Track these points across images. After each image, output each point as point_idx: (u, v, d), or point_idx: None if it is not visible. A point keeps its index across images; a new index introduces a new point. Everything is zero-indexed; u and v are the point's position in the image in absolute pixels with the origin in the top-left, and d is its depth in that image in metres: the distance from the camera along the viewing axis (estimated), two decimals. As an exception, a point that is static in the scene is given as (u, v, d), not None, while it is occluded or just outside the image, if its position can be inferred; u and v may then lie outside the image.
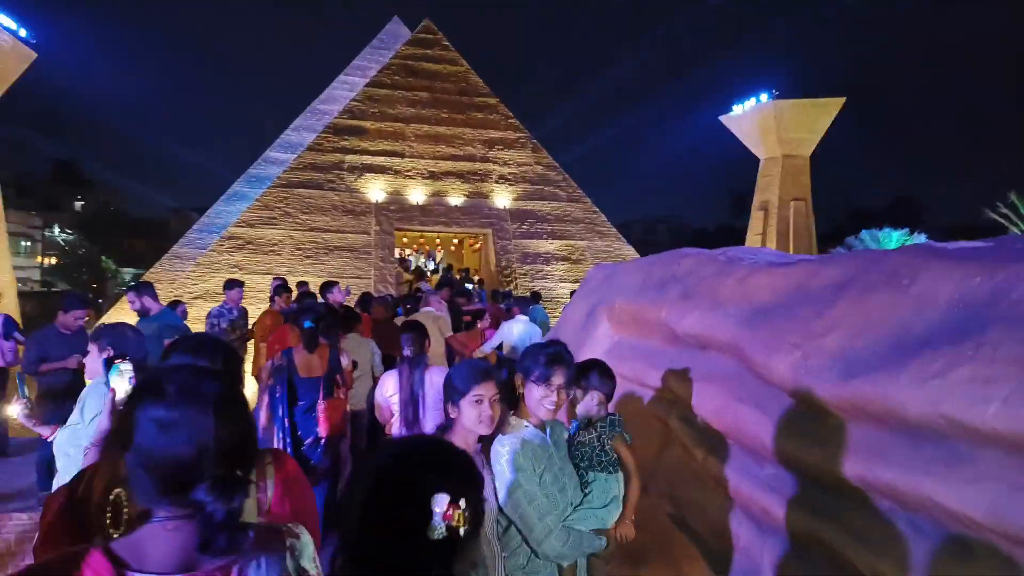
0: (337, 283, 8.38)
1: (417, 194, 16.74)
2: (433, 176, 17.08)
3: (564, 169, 18.27)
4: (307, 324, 4.66)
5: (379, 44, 25.91)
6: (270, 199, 15.99)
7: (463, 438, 2.03)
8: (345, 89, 23.62)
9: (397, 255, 18.01)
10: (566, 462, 2.29)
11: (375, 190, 16.54)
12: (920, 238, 24.11)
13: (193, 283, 15.41)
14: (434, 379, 4.01)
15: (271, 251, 15.58)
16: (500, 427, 2.13)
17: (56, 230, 54.97)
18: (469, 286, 12.75)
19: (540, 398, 2.18)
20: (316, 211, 16.03)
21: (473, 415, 2.03)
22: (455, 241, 20.37)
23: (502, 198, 17.24)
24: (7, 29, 15.75)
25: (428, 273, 18.77)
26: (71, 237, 52.11)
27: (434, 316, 7.58)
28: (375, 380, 5.56)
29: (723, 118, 26.83)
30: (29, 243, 53.87)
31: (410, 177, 16.93)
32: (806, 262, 2.34)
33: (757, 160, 26.35)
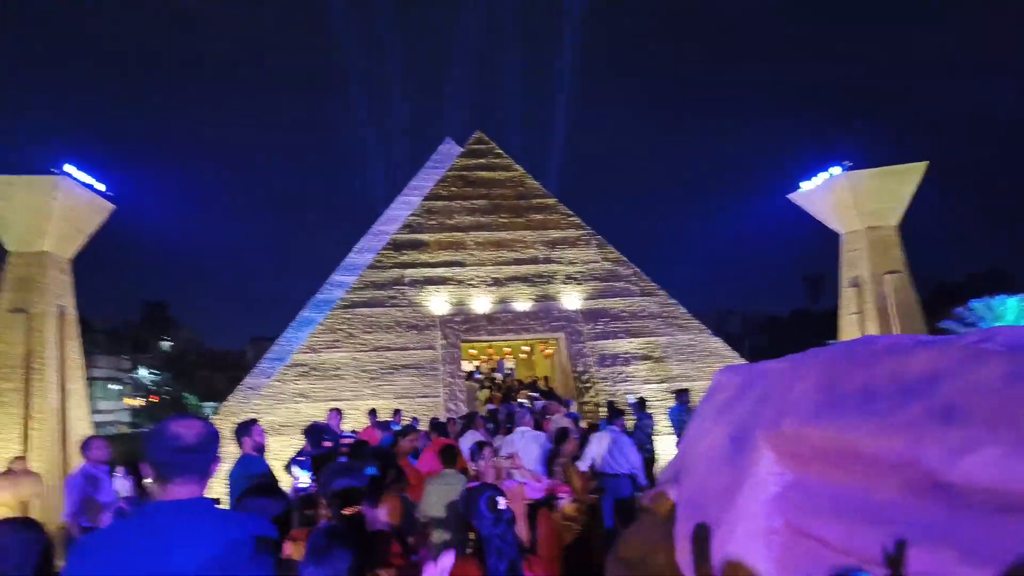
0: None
1: (482, 303, 15.99)
2: (497, 283, 16.38)
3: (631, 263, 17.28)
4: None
5: (433, 164, 26.50)
6: (333, 321, 15.57)
7: None
8: (404, 208, 23.91)
9: (467, 369, 17.07)
10: None
11: (438, 302, 15.90)
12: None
13: (259, 416, 14.80)
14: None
15: (335, 375, 14.92)
16: None
17: (144, 371, 57.27)
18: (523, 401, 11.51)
19: None
20: (379, 329, 15.45)
21: None
22: (525, 349, 19.33)
23: (571, 299, 16.26)
24: (86, 185, 16.65)
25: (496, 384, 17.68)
26: (158, 376, 54.00)
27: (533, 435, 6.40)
28: None
29: (793, 196, 25.51)
30: (120, 386, 56.21)
31: (473, 286, 16.28)
32: None
33: (834, 236, 24.63)
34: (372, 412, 10.94)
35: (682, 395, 11.46)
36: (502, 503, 3.07)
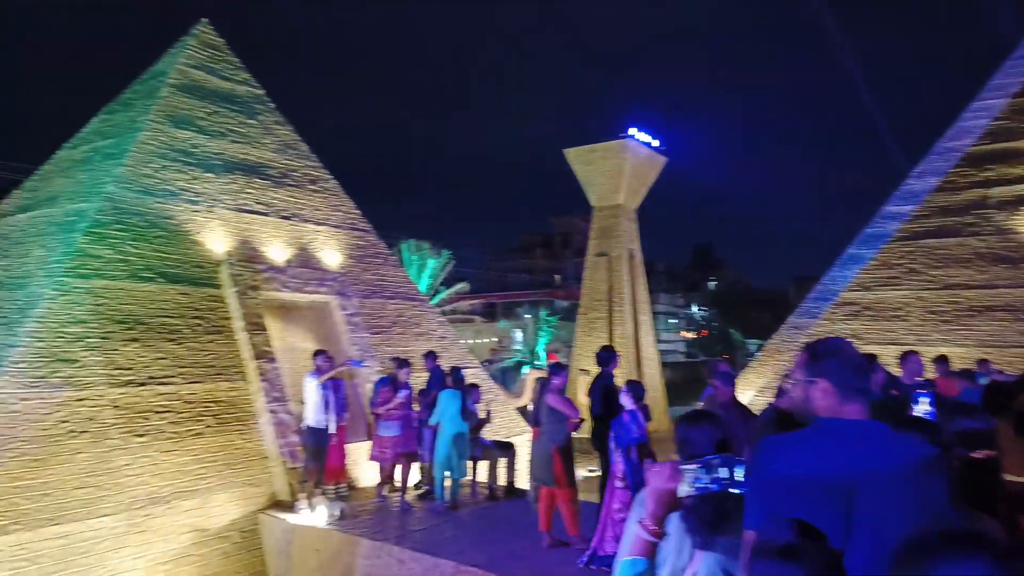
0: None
1: (1121, 224, 11.49)
2: None
3: None
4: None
5: (1022, 53, 20.10)
6: (888, 256, 13.77)
7: None
8: (982, 117, 19.07)
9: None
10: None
11: (1042, 227, 12.20)
12: None
13: (805, 354, 14.47)
14: None
15: (894, 316, 13.23)
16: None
17: (694, 308, 63.98)
18: None
19: None
20: (952, 263, 12.88)
21: None
22: None
23: None
24: (645, 144, 19.09)
25: None
26: (707, 313, 59.37)
27: None
28: None
29: None
30: (676, 320, 64.43)
31: (1104, 202, 11.83)
32: None
33: None
34: (941, 359, 9.19)
35: None
36: None
